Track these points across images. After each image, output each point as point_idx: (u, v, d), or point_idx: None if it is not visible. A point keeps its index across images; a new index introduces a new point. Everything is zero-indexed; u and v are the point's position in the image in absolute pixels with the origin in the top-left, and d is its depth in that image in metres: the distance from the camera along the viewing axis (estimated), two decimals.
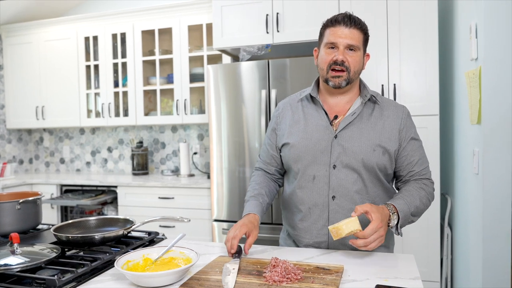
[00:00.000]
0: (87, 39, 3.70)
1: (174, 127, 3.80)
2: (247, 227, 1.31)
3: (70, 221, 1.47)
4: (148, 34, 3.58)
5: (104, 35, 3.61)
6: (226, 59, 3.21)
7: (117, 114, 3.66)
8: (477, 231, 2.02)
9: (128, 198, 3.25)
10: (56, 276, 1.05)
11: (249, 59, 2.95)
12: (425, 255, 2.55)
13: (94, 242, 1.32)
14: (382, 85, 2.60)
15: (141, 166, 3.73)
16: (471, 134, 2.14)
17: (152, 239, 1.48)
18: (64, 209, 3.53)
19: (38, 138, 4.29)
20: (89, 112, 3.75)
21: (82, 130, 4.11)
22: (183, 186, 3.09)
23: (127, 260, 1.13)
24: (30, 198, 1.54)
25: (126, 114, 3.62)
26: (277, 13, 2.75)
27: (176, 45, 3.39)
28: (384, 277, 1.10)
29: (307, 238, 1.41)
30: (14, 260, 1.13)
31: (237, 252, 1.25)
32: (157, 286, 1.05)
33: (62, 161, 4.20)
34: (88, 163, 4.11)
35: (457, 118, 2.48)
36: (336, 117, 1.39)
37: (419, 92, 2.55)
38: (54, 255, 1.18)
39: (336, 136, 1.36)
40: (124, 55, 3.60)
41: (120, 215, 3.13)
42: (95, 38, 3.68)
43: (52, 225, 1.55)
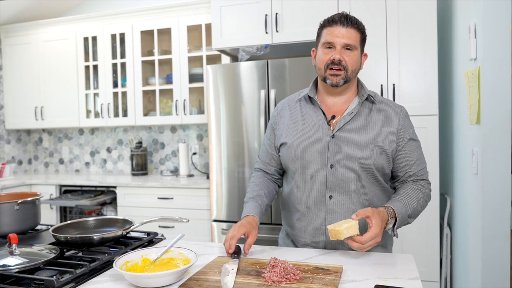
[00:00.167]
0: (86, 39, 3.70)
1: (173, 128, 3.80)
2: (246, 228, 1.31)
3: (68, 221, 1.46)
4: (147, 35, 3.58)
5: (103, 36, 3.61)
6: (225, 59, 3.21)
7: (116, 115, 3.66)
8: (477, 231, 2.01)
9: (127, 198, 3.25)
10: (54, 277, 1.05)
11: (248, 59, 2.95)
12: (424, 255, 2.55)
13: (93, 242, 1.32)
14: (381, 85, 2.60)
15: (140, 167, 3.72)
16: (470, 134, 2.14)
17: (151, 240, 1.47)
18: (63, 210, 3.52)
19: (37, 139, 4.29)
20: (88, 112, 3.75)
21: (81, 131, 4.11)
22: (182, 187, 3.09)
23: (126, 261, 1.13)
24: (29, 199, 1.54)
25: (125, 114, 3.62)
26: (276, 13, 2.75)
27: (175, 45, 3.39)
28: (383, 277, 1.10)
29: (304, 238, 1.42)
30: (12, 261, 1.13)
31: (236, 252, 1.25)
32: (156, 287, 1.05)
33: (61, 161, 4.20)
34: (87, 164, 4.11)
35: (456, 118, 2.48)
36: (333, 117, 1.39)
37: (418, 92, 2.55)
38: (52, 255, 1.18)
39: (333, 136, 1.36)
40: (123, 56, 3.60)
41: (119, 216, 3.12)
42: (94, 39, 3.68)
43: (51, 225, 1.55)
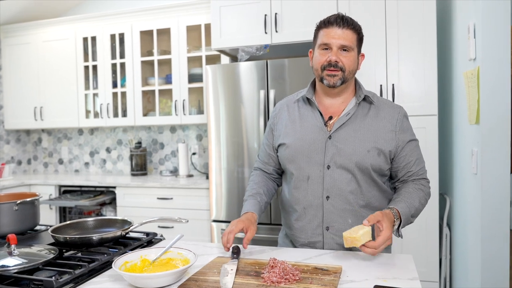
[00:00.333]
0: (85, 39, 3.69)
1: (172, 128, 3.80)
2: (244, 223, 1.32)
3: (68, 222, 1.46)
4: (146, 35, 3.58)
5: (103, 36, 3.61)
6: (225, 59, 3.21)
7: (115, 115, 3.65)
8: (476, 231, 2.02)
9: (126, 198, 3.25)
10: (53, 278, 1.04)
11: (248, 60, 2.95)
12: (423, 255, 2.55)
13: (92, 243, 1.32)
14: (381, 85, 2.60)
15: (140, 167, 3.72)
16: (469, 134, 2.14)
17: (150, 240, 1.47)
18: (63, 210, 3.52)
19: (36, 139, 4.28)
20: (87, 112, 3.75)
21: (80, 131, 4.11)
22: (182, 187, 3.09)
23: (125, 261, 1.13)
24: (28, 199, 1.54)
25: (124, 114, 3.62)
26: (276, 14, 2.75)
27: (175, 46, 3.39)
28: (383, 277, 1.09)
29: (302, 238, 1.42)
30: (11, 262, 1.13)
31: (236, 252, 1.25)
32: (155, 287, 1.04)
33: (61, 161, 4.19)
34: (86, 164, 4.11)
35: (455, 118, 2.48)
36: (331, 118, 1.39)
37: (417, 92, 2.55)
38: (51, 256, 1.18)
39: (330, 137, 1.36)
40: (122, 56, 3.59)
41: (119, 216, 3.14)
42: (93, 39, 3.68)
43: (50, 226, 1.54)
